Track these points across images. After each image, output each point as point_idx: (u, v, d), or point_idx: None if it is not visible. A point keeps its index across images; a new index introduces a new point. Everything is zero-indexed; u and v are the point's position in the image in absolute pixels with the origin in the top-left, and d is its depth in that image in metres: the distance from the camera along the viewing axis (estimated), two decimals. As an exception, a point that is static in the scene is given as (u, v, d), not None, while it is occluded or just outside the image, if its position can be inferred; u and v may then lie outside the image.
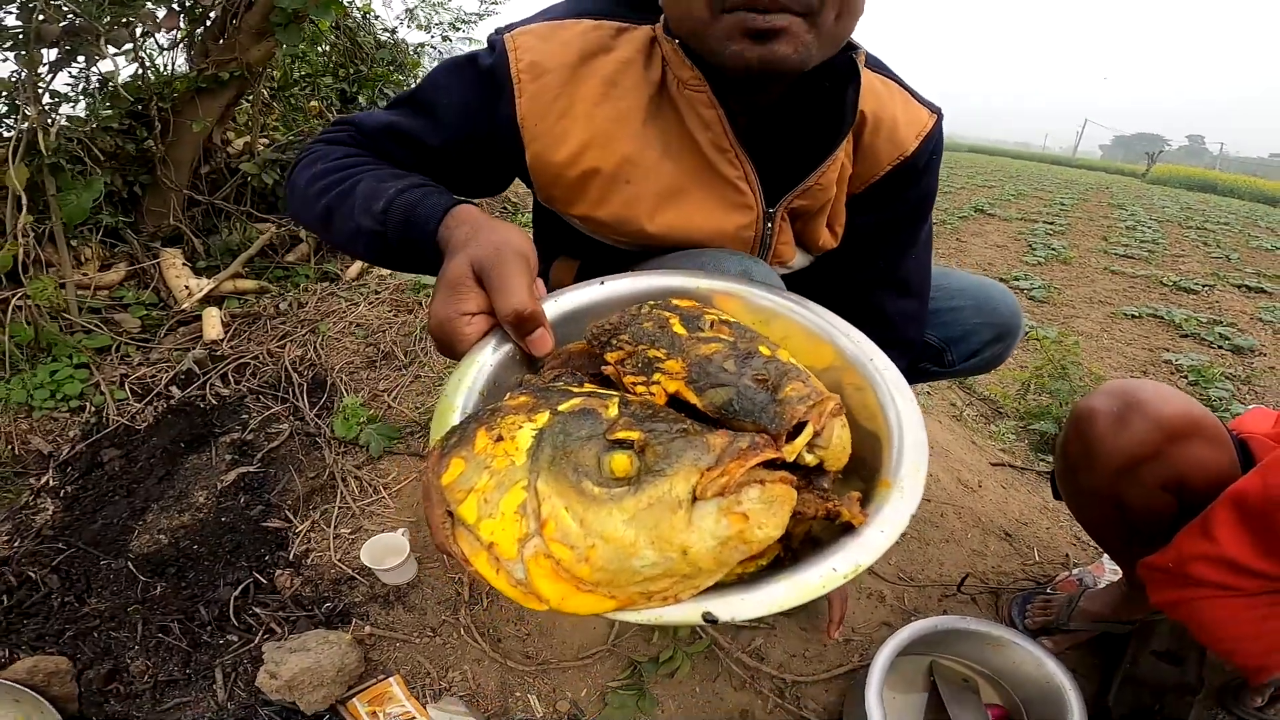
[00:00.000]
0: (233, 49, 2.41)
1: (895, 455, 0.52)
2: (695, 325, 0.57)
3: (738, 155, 0.83)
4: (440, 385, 1.63)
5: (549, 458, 0.42)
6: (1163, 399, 0.89)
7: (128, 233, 2.42)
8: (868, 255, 0.99)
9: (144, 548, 1.36)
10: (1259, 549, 0.79)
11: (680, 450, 0.41)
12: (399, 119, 0.84)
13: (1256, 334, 3.71)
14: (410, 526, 1.37)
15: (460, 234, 0.65)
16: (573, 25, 0.82)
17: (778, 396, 0.49)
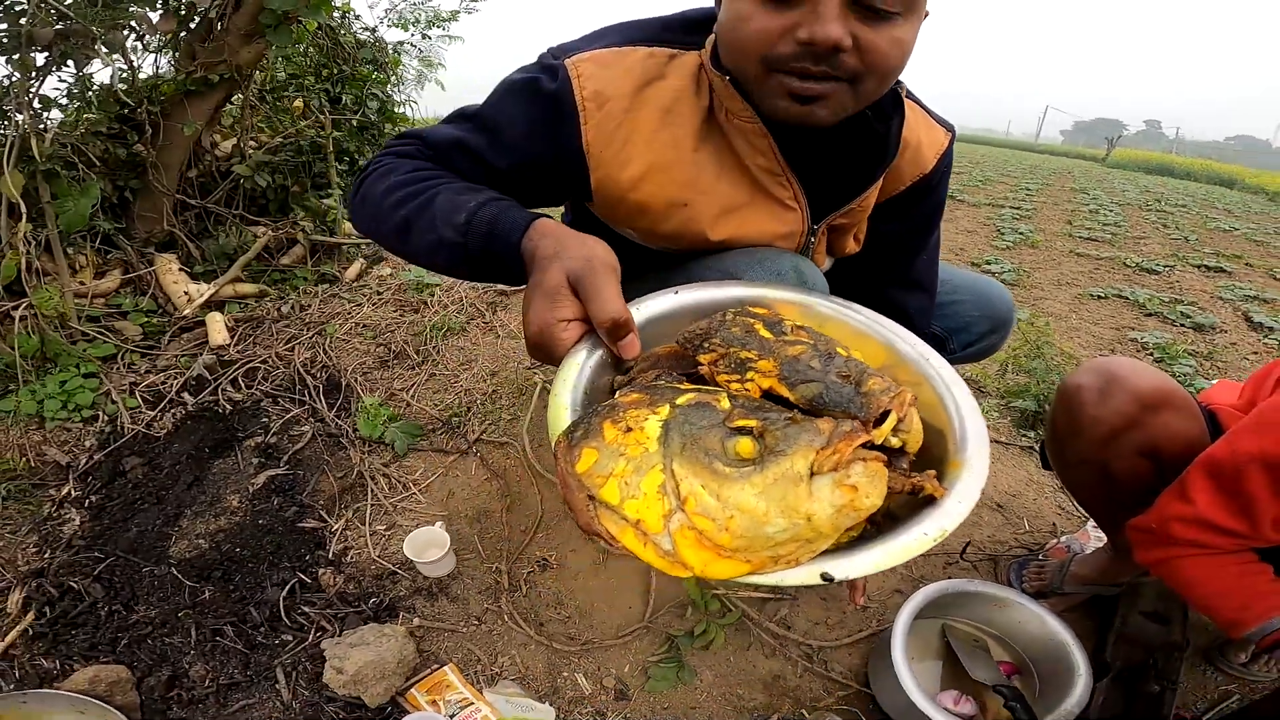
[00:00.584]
0: (221, 51, 2.39)
1: (960, 440, 0.59)
2: (779, 330, 0.64)
3: (788, 178, 0.92)
4: (538, 383, 1.67)
5: (680, 444, 0.49)
6: (1138, 374, 1.00)
7: (120, 239, 2.41)
8: (885, 258, 1.09)
9: (184, 553, 1.38)
10: (1231, 509, 0.89)
11: (795, 434, 0.48)
12: (467, 136, 0.87)
13: (1216, 312, 3.88)
14: (443, 520, 1.41)
15: (546, 245, 0.69)
16: (630, 53, 0.87)
17: (862, 390, 0.56)
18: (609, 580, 1.32)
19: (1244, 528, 0.89)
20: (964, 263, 4.36)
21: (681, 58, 0.89)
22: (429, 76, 4.25)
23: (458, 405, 1.80)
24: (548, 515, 1.45)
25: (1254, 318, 3.83)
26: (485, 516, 1.47)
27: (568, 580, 1.33)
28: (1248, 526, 0.89)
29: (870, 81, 0.77)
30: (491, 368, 1.98)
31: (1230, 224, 8.33)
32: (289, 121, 3.17)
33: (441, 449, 1.66)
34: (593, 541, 0.52)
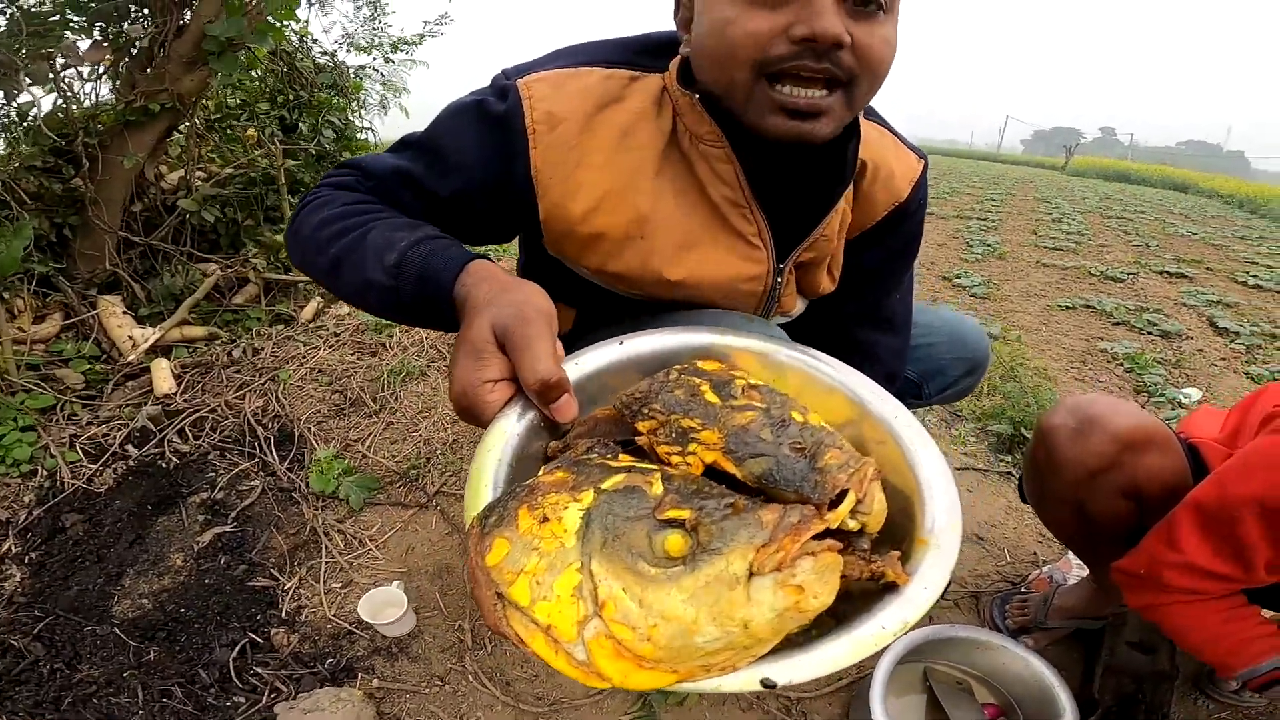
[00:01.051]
0: (162, 79, 2.27)
1: (929, 510, 0.53)
2: (727, 392, 0.57)
3: (753, 211, 0.84)
4: (469, 456, 1.60)
5: (601, 539, 0.43)
6: (1116, 413, 0.97)
7: (60, 280, 2.29)
8: (857, 294, 1.02)
9: (128, 612, 1.31)
10: (1223, 554, 0.86)
11: (734, 529, 0.42)
12: (408, 164, 0.80)
13: (1181, 318, 3.94)
14: (402, 577, 1.34)
15: (480, 292, 0.63)
16: (586, 74, 0.81)
17: (817, 465, 0.50)
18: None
19: (1237, 572, 0.86)
20: (936, 276, 4.38)
21: (643, 80, 0.83)
22: (392, 102, 4.19)
23: (416, 456, 1.73)
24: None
25: (1219, 323, 3.90)
26: (447, 572, 1.40)
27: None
28: (1241, 571, 0.86)
29: (863, 85, 0.72)
30: (452, 415, 1.88)
31: (1188, 229, 8.54)
32: (240, 151, 3.05)
33: (400, 502, 1.58)
34: None
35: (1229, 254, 6.75)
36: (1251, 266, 6.00)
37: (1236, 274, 5.51)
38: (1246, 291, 4.93)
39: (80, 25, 2.22)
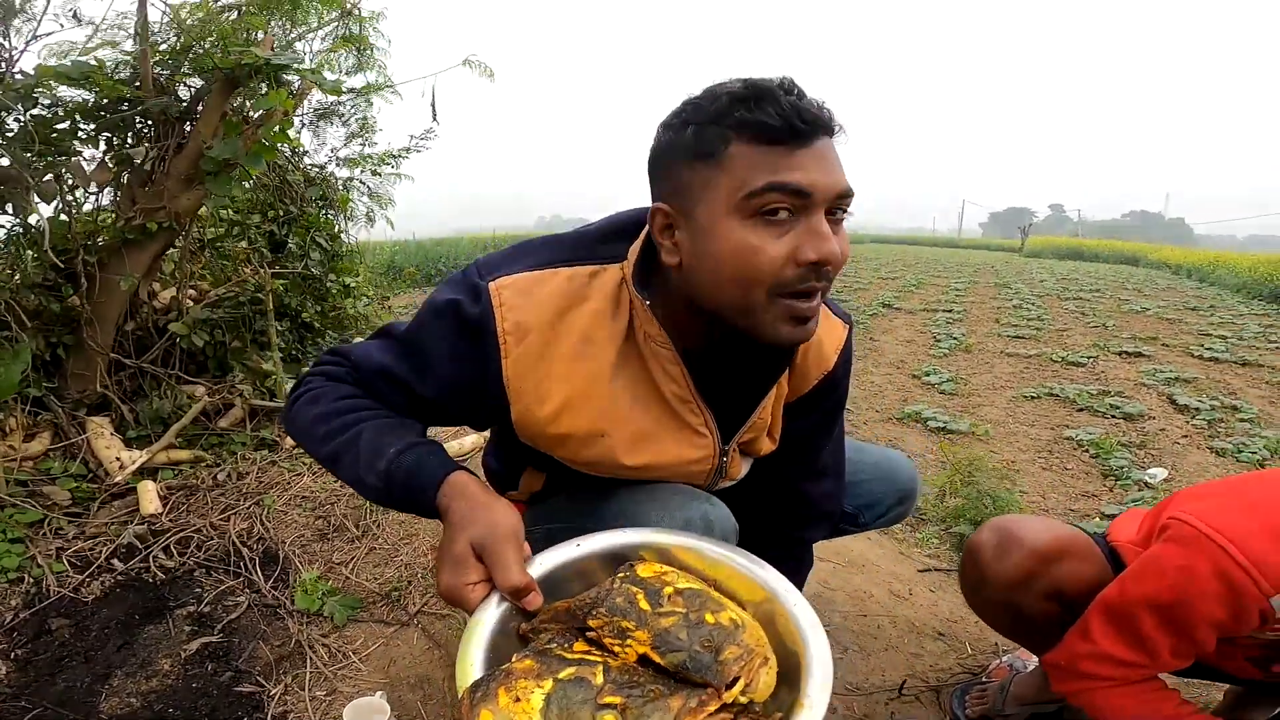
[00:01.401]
0: (160, 197, 2.38)
1: (808, 675, 0.68)
2: (656, 599, 0.73)
3: (698, 405, 0.95)
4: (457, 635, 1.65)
5: (556, 716, 0.59)
6: (1034, 532, 1.09)
7: (51, 400, 2.34)
8: (794, 451, 1.12)
9: (115, 710, 1.33)
10: (1129, 644, 0.96)
11: (651, 712, 0.59)
12: (392, 364, 0.90)
13: (1142, 398, 4.09)
14: (385, 687, 1.37)
15: (457, 510, 0.76)
16: (550, 276, 0.89)
17: (719, 658, 0.66)
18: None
19: (1143, 659, 0.96)
20: (906, 375, 4.53)
21: (602, 275, 0.90)
22: (378, 214, 4.33)
23: (398, 579, 1.78)
24: (490, 684, 1.41)
25: (1178, 400, 4.05)
26: (427, 683, 1.43)
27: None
28: (1146, 658, 0.96)
29: (832, 283, 0.83)
30: (433, 541, 1.95)
31: (1142, 304, 8.92)
32: (230, 269, 3.14)
33: (382, 620, 1.62)
34: None
35: (1182, 327, 7.06)
36: (1204, 338, 6.28)
37: (1191, 347, 5.77)
38: (1203, 365, 5.16)
39: (88, 135, 2.35)
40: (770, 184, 0.74)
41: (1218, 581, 0.86)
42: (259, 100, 2.40)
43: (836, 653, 1.56)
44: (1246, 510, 0.90)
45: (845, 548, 2.02)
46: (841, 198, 0.78)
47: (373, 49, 3.50)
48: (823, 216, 0.77)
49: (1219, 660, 1.05)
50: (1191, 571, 0.88)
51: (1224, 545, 0.86)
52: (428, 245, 10.66)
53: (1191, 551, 0.89)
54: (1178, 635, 0.93)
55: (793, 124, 0.74)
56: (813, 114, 0.75)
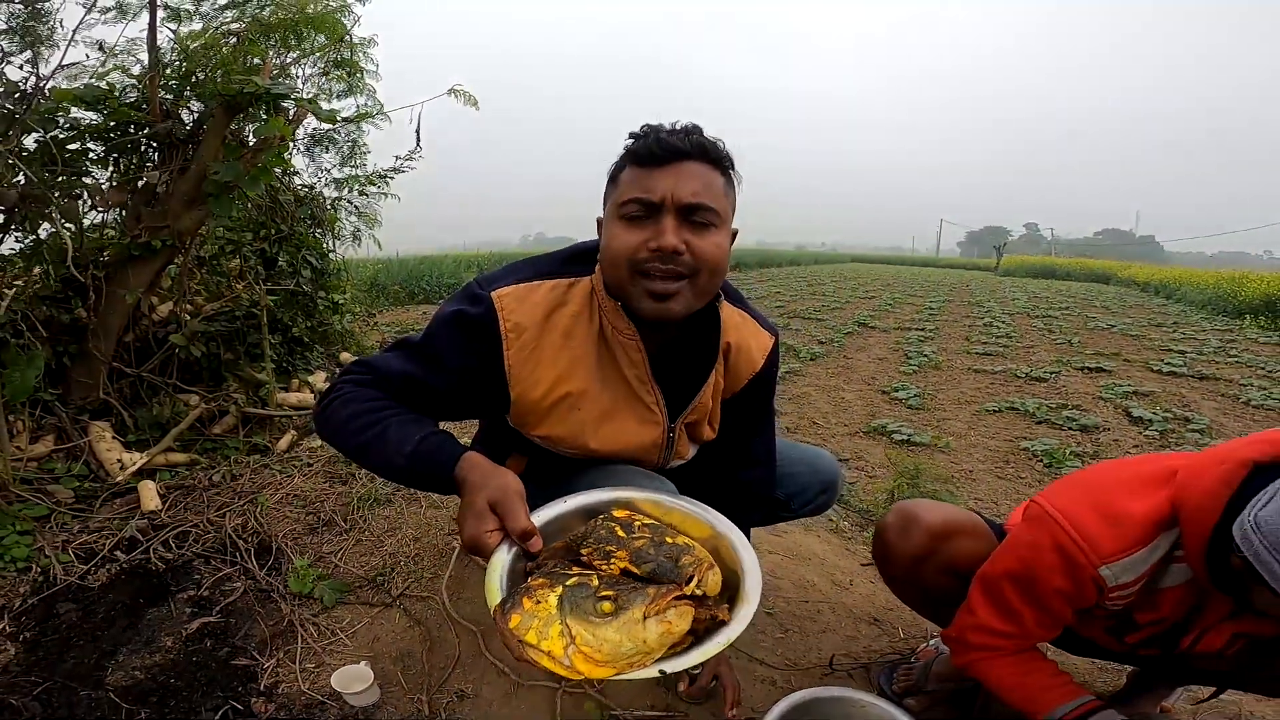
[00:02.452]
0: (164, 216, 2.53)
1: (745, 584, 0.92)
2: (630, 530, 0.97)
3: (653, 387, 1.20)
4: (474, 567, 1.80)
5: (569, 608, 0.80)
6: (930, 513, 1.25)
7: (56, 405, 2.47)
8: (730, 440, 1.36)
9: (121, 681, 1.45)
10: (999, 614, 1.12)
11: (635, 597, 0.81)
12: (411, 369, 1.11)
13: (1099, 412, 4.27)
14: (369, 659, 1.51)
15: (474, 476, 0.96)
16: (538, 287, 1.15)
17: (679, 564, 0.89)
18: (520, 706, 1.43)
19: (1015, 629, 1.11)
20: (875, 391, 4.70)
21: (577, 285, 1.16)
22: (365, 232, 4.45)
23: (383, 566, 1.92)
24: (465, 654, 1.56)
25: (1134, 412, 4.24)
26: (408, 656, 1.57)
27: (483, 708, 1.43)
28: (1017, 628, 1.11)
29: (703, 276, 1.07)
30: (415, 534, 2.10)
31: (1108, 321, 9.18)
32: (225, 284, 3.27)
33: (368, 602, 1.76)
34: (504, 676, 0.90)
35: (1145, 343, 7.31)
36: (1166, 354, 6.52)
37: (1151, 363, 5.99)
38: (1161, 379, 5.37)
39: (99, 156, 2.52)
40: (631, 197, 1.04)
41: (1056, 553, 1.01)
42: (260, 126, 2.56)
43: (778, 633, 1.72)
44: (1084, 492, 1.05)
45: (795, 543, 2.19)
46: (690, 208, 1.03)
47: (362, 73, 3.67)
48: (670, 219, 1.03)
49: (1084, 632, 1.20)
50: (1036, 546, 1.04)
51: (1060, 521, 1.01)
52: (411, 263, 10.74)
53: (1037, 528, 1.05)
54: (1035, 605, 1.08)
55: (652, 150, 1.03)
56: (670, 144, 1.03)
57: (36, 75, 2.25)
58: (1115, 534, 0.98)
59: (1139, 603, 1.05)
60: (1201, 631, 1.06)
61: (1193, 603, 1.04)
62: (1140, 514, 0.98)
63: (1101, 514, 1.00)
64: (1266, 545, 0.83)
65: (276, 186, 3.57)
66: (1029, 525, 1.07)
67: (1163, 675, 1.40)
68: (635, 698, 1.45)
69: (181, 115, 2.67)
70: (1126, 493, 1.01)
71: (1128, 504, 1.00)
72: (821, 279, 17.58)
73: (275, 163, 2.74)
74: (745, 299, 1.33)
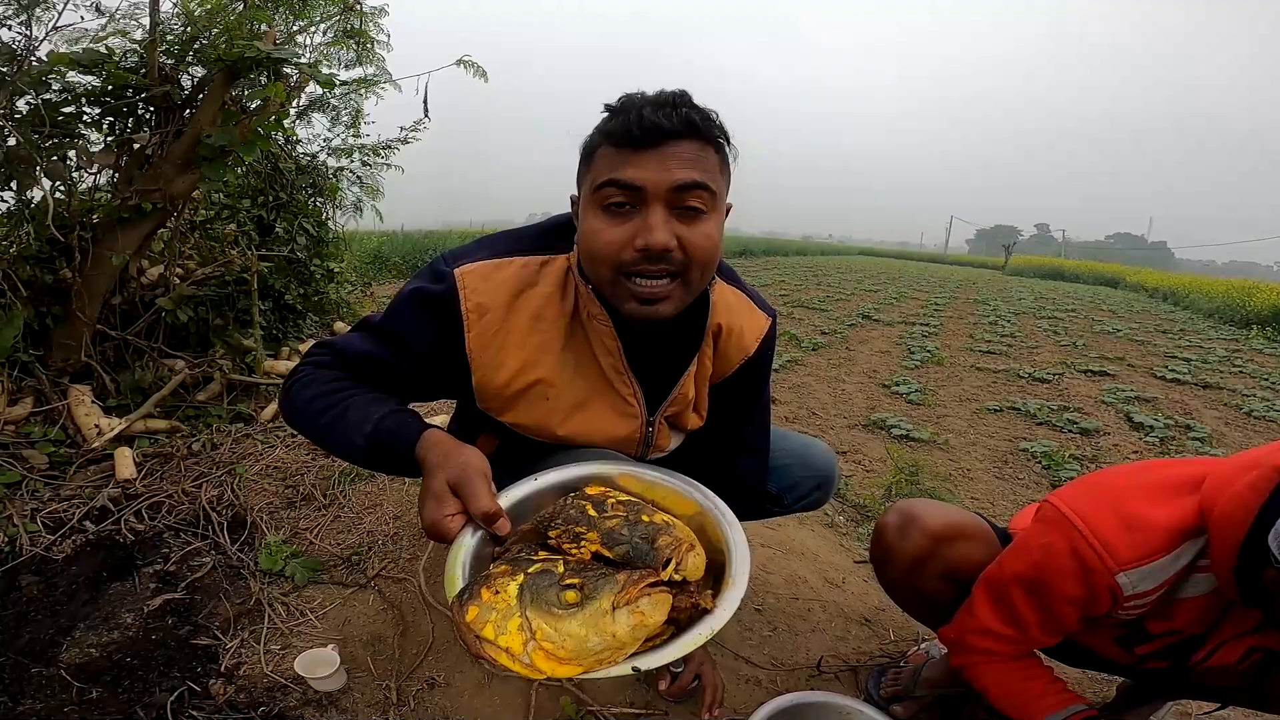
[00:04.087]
0: (156, 179, 2.46)
1: (732, 566, 0.84)
2: (602, 508, 0.88)
3: (630, 378, 1.11)
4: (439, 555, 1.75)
5: (530, 598, 0.73)
6: (931, 514, 1.19)
7: (36, 367, 2.41)
8: (721, 427, 1.27)
9: (75, 659, 1.40)
10: (1004, 619, 1.06)
11: (602, 585, 0.74)
12: (372, 348, 1.05)
13: (1100, 416, 4.21)
14: (338, 643, 1.46)
15: (433, 456, 0.88)
16: (507, 264, 1.05)
17: (655, 546, 0.81)
18: (493, 698, 1.38)
19: (1017, 634, 1.06)
20: (876, 385, 4.64)
21: (551, 264, 1.07)
22: (366, 204, 4.40)
23: (359, 545, 1.87)
24: (439, 641, 1.51)
25: (1135, 418, 4.18)
26: (379, 641, 1.52)
27: (454, 698, 1.38)
28: (1019, 633, 1.06)
29: (695, 272, 0.96)
30: (395, 512, 2.05)
31: (1114, 325, 9.11)
32: (218, 250, 3.20)
33: (341, 582, 1.71)
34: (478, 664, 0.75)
35: (1150, 349, 7.23)
36: (1170, 360, 6.44)
37: (1156, 369, 5.92)
38: (1164, 386, 5.30)
39: (93, 119, 2.44)
40: (608, 179, 0.91)
41: (1071, 558, 0.96)
42: (256, 91, 2.49)
43: (766, 631, 1.67)
44: (1104, 496, 0.99)
45: (787, 537, 2.13)
46: (680, 190, 0.91)
47: (373, 43, 3.59)
48: (659, 209, 0.91)
49: (1088, 641, 1.14)
50: (1051, 549, 0.98)
51: (1077, 524, 0.95)
52: (415, 237, 10.70)
53: (1052, 531, 0.99)
54: (1042, 610, 1.02)
55: (631, 131, 0.89)
56: (653, 123, 0.89)
57: (29, 37, 2.18)
58: (1135, 540, 0.93)
59: (1154, 612, 1.00)
60: (1218, 644, 1.01)
61: (1215, 614, 0.98)
62: (1163, 521, 0.92)
63: (1121, 519, 0.94)
64: None
65: (278, 154, 3.52)
66: (1043, 527, 1.01)
67: (1160, 689, 1.35)
68: (613, 694, 1.40)
69: (181, 80, 2.60)
70: (1148, 499, 0.95)
71: (1149, 510, 0.94)
72: (827, 270, 17.51)
73: (273, 129, 2.68)
74: (742, 279, 1.24)
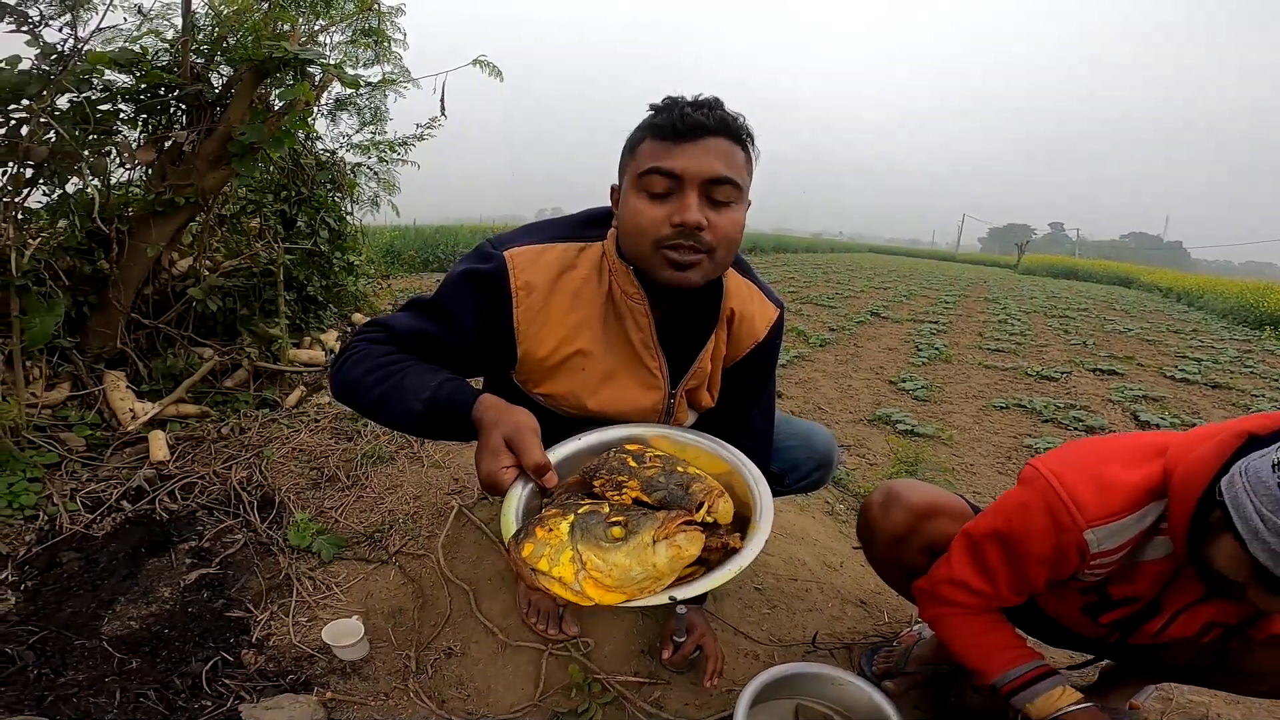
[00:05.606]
0: (189, 174, 2.58)
1: (759, 514, 0.95)
2: (642, 460, 1.01)
3: (657, 353, 1.22)
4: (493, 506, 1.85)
5: (580, 534, 0.83)
6: (914, 492, 1.27)
7: (74, 353, 2.52)
8: (729, 408, 1.37)
9: (115, 631, 1.50)
10: (976, 571, 1.13)
11: (644, 522, 0.84)
12: (424, 325, 1.15)
13: (1107, 414, 4.24)
14: (361, 615, 1.55)
15: (489, 416, 0.98)
16: (550, 249, 1.17)
17: (689, 491, 0.93)
18: (506, 666, 1.47)
19: (988, 589, 1.13)
20: (883, 381, 4.68)
21: (588, 250, 1.19)
22: (383, 199, 4.50)
23: (381, 523, 1.97)
24: (456, 613, 1.61)
25: (1141, 416, 4.21)
26: (400, 613, 1.62)
27: (470, 666, 1.47)
28: (991, 588, 1.13)
29: (721, 250, 1.09)
30: (415, 493, 2.15)
31: (1125, 325, 9.06)
32: (244, 244, 3.32)
33: (364, 558, 1.81)
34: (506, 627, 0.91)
35: (1161, 349, 7.21)
36: (1181, 360, 6.42)
37: (1165, 369, 5.92)
38: (1173, 386, 5.30)
39: (129, 116, 2.57)
40: (651, 167, 1.04)
41: (1045, 515, 1.02)
42: (285, 90, 2.59)
43: (765, 609, 1.75)
44: (1080, 458, 1.05)
45: (789, 522, 2.21)
46: (713, 183, 1.05)
47: (390, 41, 3.68)
48: (694, 194, 1.04)
49: (1058, 610, 1.22)
50: (1027, 507, 1.04)
51: (1054, 484, 1.01)
52: (428, 231, 10.79)
53: (1030, 489, 1.05)
54: (1013, 567, 1.09)
55: (675, 125, 1.03)
56: (694, 120, 1.03)
57: (75, 37, 2.28)
58: (1105, 500, 0.99)
59: (1117, 575, 1.06)
60: (1173, 614, 1.08)
61: (1167, 578, 1.04)
62: (1131, 482, 0.99)
63: (1094, 479, 1.00)
64: (1248, 488, 0.83)
65: (299, 150, 3.62)
66: (1022, 487, 1.07)
67: (1135, 668, 1.42)
68: (619, 664, 1.49)
69: (211, 79, 2.71)
70: (1121, 462, 1.02)
71: (1120, 472, 1.00)
72: (836, 267, 17.48)
73: (299, 126, 2.79)
74: (753, 270, 1.34)
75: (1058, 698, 1.11)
